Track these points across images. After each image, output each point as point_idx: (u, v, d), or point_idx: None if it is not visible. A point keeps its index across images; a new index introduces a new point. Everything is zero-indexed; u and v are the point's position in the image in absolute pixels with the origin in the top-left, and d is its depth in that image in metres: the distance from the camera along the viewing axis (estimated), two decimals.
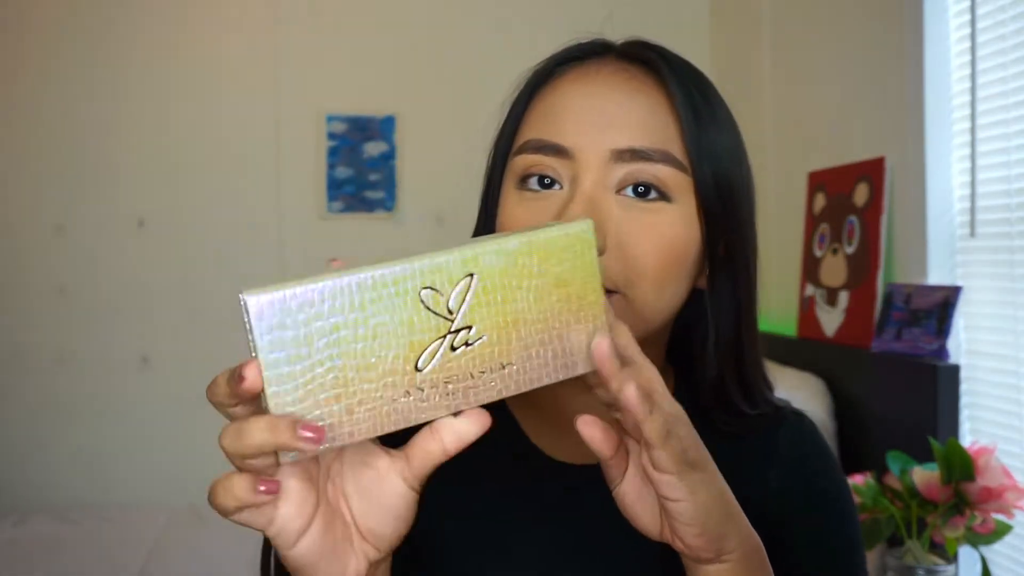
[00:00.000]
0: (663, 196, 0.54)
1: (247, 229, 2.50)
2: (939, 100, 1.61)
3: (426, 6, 2.58)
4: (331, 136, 2.52)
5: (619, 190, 0.54)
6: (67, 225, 2.42)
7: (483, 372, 0.40)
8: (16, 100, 2.40)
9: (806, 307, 1.97)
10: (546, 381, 0.42)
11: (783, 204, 2.14)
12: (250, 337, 0.36)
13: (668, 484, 0.43)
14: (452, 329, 0.39)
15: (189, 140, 2.47)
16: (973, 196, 1.53)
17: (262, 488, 0.38)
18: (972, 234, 1.54)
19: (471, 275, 0.39)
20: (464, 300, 0.39)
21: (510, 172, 0.58)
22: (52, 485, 2.40)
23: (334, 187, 2.53)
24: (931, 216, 1.61)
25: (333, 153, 2.52)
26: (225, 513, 0.39)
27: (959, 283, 1.56)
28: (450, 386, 0.40)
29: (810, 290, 1.96)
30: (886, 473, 1.39)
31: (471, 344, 0.39)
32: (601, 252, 0.51)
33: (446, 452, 0.41)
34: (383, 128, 2.54)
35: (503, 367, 0.40)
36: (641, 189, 0.54)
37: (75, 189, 2.42)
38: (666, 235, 0.54)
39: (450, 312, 0.39)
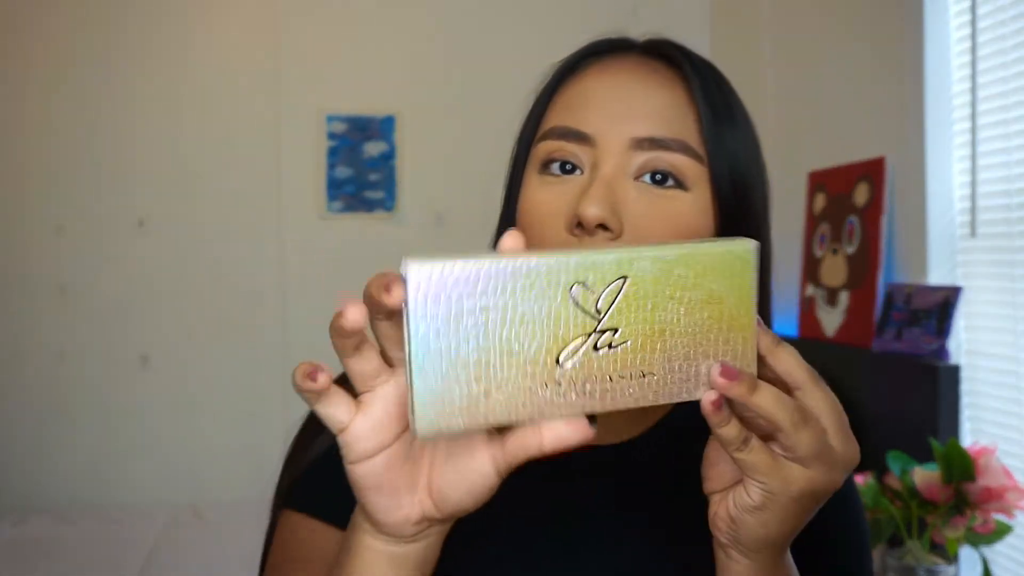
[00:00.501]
0: (679, 184, 0.55)
1: (247, 229, 2.50)
2: (939, 100, 1.61)
3: (426, 6, 2.58)
4: (331, 136, 2.52)
5: (637, 177, 0.55)
6: (67, 225, 2.42)
7: (622, 377, 0.39)
8: (16, 100, 2.40)
9: (806, 307, 1.97)
10: (684, 397, 0.41)
11: (783, 204, 2.14)
12: (403, 306, 0.36)
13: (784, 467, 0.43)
14: (598, 328, 0.38)
15: (189, 140, 2.47)
16: (973, 196, 1.53)
17: (310, 377, 0.38)
18: (972, 234, 1.54)
19: (624, 278, 0.38)
20: (613, 301, 0.38)
21: (533, 158, 0.60)
22: (52, 485, 2.40)
23: (334, 187, 2.53)
24: (931, 216, 1.61)
25: (333, 153, 2.52)
26: (309, 398, 0.40)
27: (959, 283, 1.56)
28: (588, 386, 0.39)
29: (810, 290, 1.96)
30: (886, 473, 1.39)
31: (614, 347, 0.39)
32: (618, 235, 0.53)
33: (541, 450, 0.40)
34: (383, 128, 2.54)
35: (643, 375, 0.40)
36: (658, 177, 0.55)
37: (75, 189, 2.43)
38: (680, 222, 0.55)
39: (598, 311, 0.38)
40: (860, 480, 1.38)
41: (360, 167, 2.54)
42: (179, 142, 2.47)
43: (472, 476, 0.41)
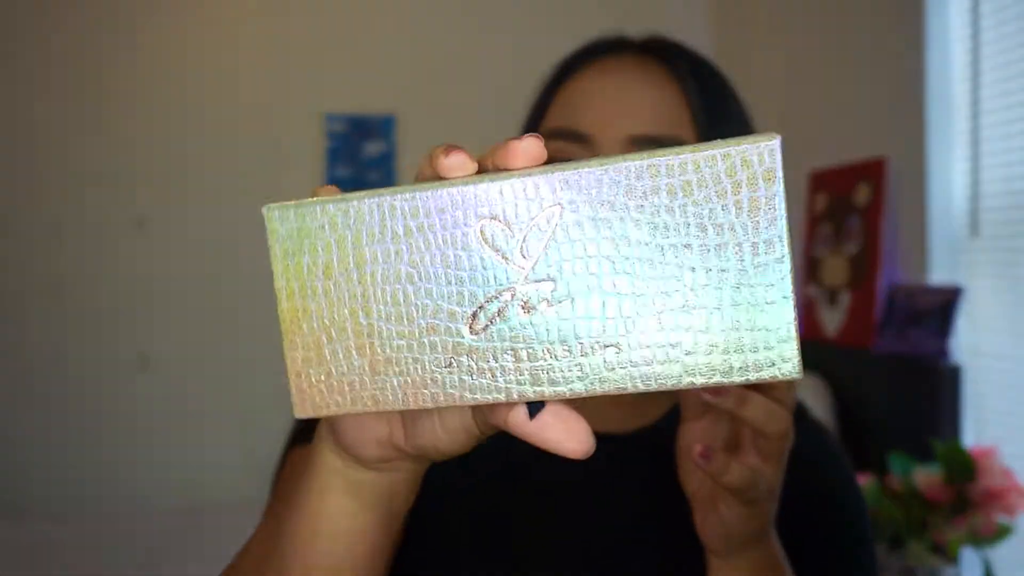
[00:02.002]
0: None
1: (247, 228, 2.50)
2: (941, 99, 1.61)
3: (426, 6, 2.58)
4: (331, 136, 2.52)
5: None
6: (67, 225, 2.42)
7: (566, 352, 0.28)
8: (15, 100, 2.40)
9: (807, 307, 1.97)
10: (664, 383, 0.28)
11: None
12: (272, 257, 0.30)
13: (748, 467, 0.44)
14: (525, 279, 0.28)
15: (189, 140, 2.47)
16: (975, 195, 1.52)
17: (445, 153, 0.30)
18: (974, 234, 1.53)
19: (559, 206, 0.27)
20: (547, 240, 0.28)
21: None
22: (51, 486, 2.40)
23: None
24: (933, 216, 1.61)
25: (333, 153, 2.52)
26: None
27: (961, 283, 1.55)
28: (515, 362, 0.28)
29: (811, 290, 1.96)
30: (888, 474, 1.39)
31: (553, 308, 0.28)
32: None
33: (510, 427, 0.32)
34: (382, 128, 2.54)
35: (603, 346, 0.28)
36: None
37: (74, 189, 2.42)
38: None
39: (524, 256, 0.28)
40: (861, 481, 1.38)
41: (360, 167, 2.54)
42: (178, 142, 2.47)
43: (451, 420, 0.34)
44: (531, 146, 0.28)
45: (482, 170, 0.30)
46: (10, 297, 2.40)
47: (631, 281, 0.27)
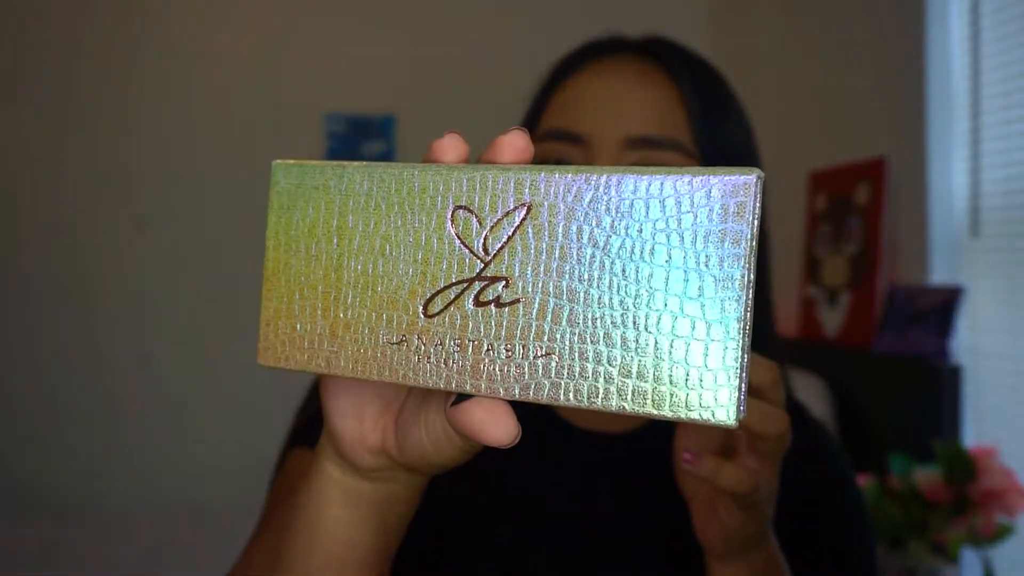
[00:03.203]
0: None
1: (247, 228, 2.50)
2: (941, 99, 1.61)
3: (426, 6, 2.58)
4: (330, 136, 2.52)
5: None
6: (67, 225, 2.42)
7: (510, 352, 0.28)
8: (15, 99, 2.40)
9: (806, 307, 1.97)
10: (598, 404, 0.27)
11: (783, 204, 2.14)
12: (268, 210, 0.33)
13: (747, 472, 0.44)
14: (481, 274, 0.28)
15: (188, 139, 2.47)
16: (976, 195, 1.52)
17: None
18: (975, 234, 1.53)
19: (525, 207, 0.28)
20: (507, 240, 0.28)
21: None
22: (51, 485, 2.40)
23: None
24: (933, 216, 1.61)
25: (332, 153, 2.52)
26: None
27: (961, 283, 1.55)
28: (459, 352, 0.29)
29: (811, 290, 1.96)
30: (888, 474, 1.39)
31: (502, 305, 0.28)
32: None
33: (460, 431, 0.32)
34: (382, 128, 2.54)
35: (543, 354, 0.27)
36: None
37: (74, 189, 2.42)
38: None
39: (485, 251, 0.28)
40: (861, 481, 1.38)
41: None
42: (178, 142, 2.47)
43: (433, 427, 0.34)
44: (516, 139, 0.29)
45: None
46: (11, 297, 2.40)
47: (584, 292, 0.27)
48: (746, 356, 0.26)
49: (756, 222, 0.25)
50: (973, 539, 1.27)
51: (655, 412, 0.26)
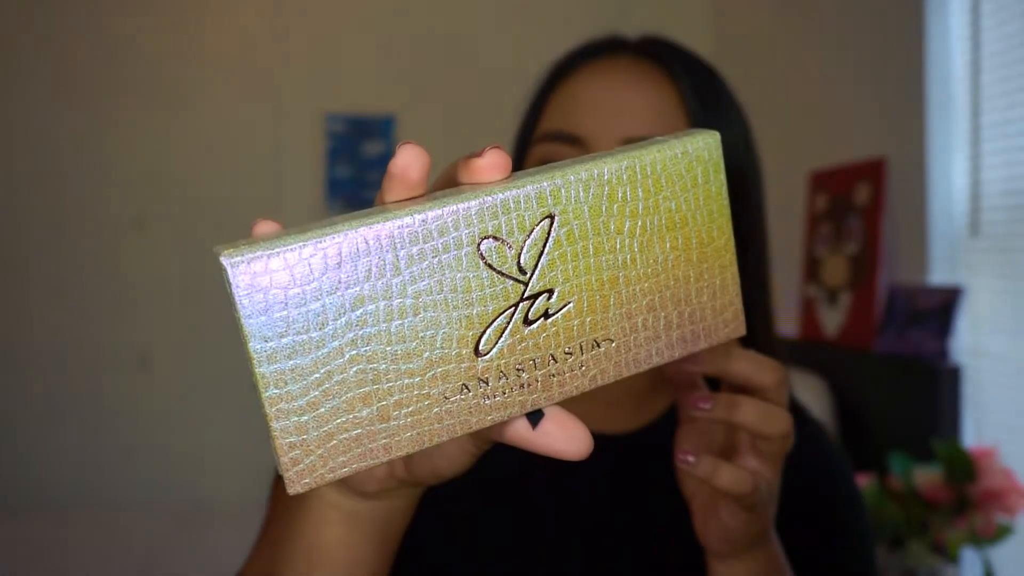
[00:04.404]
0: None
1: (247, 228, 2.49)
2: (941, 98, 1.61)
3: (426, 6, 2.58)
4: (330, 136, 2.52)
5: None
6: (67, 225, 2.42)
7: (569, 353, 0.29)
8: (15, 99, 2.40)
9: (806, 307, 1.97)
10: (656, 361, 0.31)
11: (783, 204, 2.14)
12: (236, 315, 0.26)
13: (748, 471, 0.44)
14: (526, 295, 0.28)
15: (188, 139, 2.47)
16: (976, 195, 1.52)
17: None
18: (974, 234, 1.53)
19: (550, 217, 0.28)
20: (542, 253, 0.28)
21: (529, 161, 0.60)
22: (51, 485, 2.40)
23: (334, 187, 2.52)
24: (933, 216, 1.61)
25: (333, 153, 2.52)
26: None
27: (961, 283, 1.55)
28: (525, 374, 0.29)
29: (811, 290, 1.96)
30: (888, 474, 1.39)
31: (552, 315, 0.29)
32: None
33: (514, 443, 0.32)
34: (382, 128, 2.54)
35: (597, 344, 0.30)
36: None
37: (74, 189, 2.42)
38: None
39: (522, 271, 0.28)
40: (862, 481, 1.38)
41: (359, 167, 2.53)
42: (178, 141, 2.47)
43: (449, 444, 0.34)
44: (497, 159, 0.28)
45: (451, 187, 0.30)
46: (10, 297, 2.40)
47: (622, 276, 0.30)
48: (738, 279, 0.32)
49: (724, 177, 0.31)
50: (973, 539, 1.27)
51: (695, 349, 0.32)
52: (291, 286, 0.26)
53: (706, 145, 0.30)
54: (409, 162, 0.28)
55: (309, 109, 2.51)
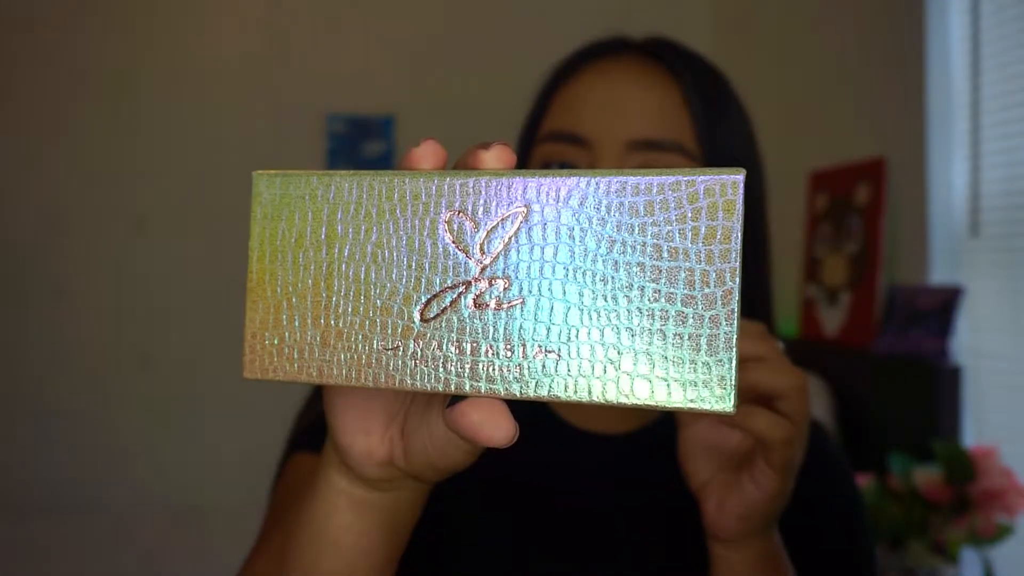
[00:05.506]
0: None
1: (247, 228, 2.49)
2: (941, 98, 1.61)
3: (427, 6, 2.58)
4: (331, 136, 2.52)
5: None
6: (67, 225, 2.42)
7: (510, 351, 0.28)
8: (15, 99, 2.40)
9: (806, 307, 1.97)
10: (598, 397, 0.28)
11: (783, 204, 2.14)
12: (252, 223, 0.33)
13: (764, 475, 0.45)
14: (481, 276, 0.29)
15: (189, 139, 2.47)
16: (976, 196, 1.52)
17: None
18: (974, 234, 1.53)
19: (526, 208, 0.29)
20: (507, 241, 0.29)
21: (532, 161, 0.60)
22: (51, 485, 2.40)
23: None
24: (933, 216, 1.61)
25: (333, 153, 2.52)
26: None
27: (961, 283, 1.55)
28: (460, 356, 0.29)
29: (811, 290, 1.96)
30: (888, 474, 1.39)
31: (504, 306, 0.29)
32: None
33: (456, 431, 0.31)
34: (382, 128, 2.54)
35: (544, 352, 0.28)
36: None
37: (75, 188, 2.42)
38: None
39: (483, 252, 0.29)
40: (862, 481, 1.38)
41: (360, 167, 2.53)
42: (179, 141, 2.47)
43: (438, 431, 0.34)
44: (501, 154, 0.30)
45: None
46: (11, 297, 2.40)
47: (581, 292, 0.28)
48: (736, 347, 0.27)
49: (741, 219, 0.27)
50: (973, 539, 1.28)
51: (654, 404, 0.27)
52: (287, 208, 0.32)
53: (720, 183, 0.27)
54: (424, 155, 0.31)
55: (309, 109, 2.51)
